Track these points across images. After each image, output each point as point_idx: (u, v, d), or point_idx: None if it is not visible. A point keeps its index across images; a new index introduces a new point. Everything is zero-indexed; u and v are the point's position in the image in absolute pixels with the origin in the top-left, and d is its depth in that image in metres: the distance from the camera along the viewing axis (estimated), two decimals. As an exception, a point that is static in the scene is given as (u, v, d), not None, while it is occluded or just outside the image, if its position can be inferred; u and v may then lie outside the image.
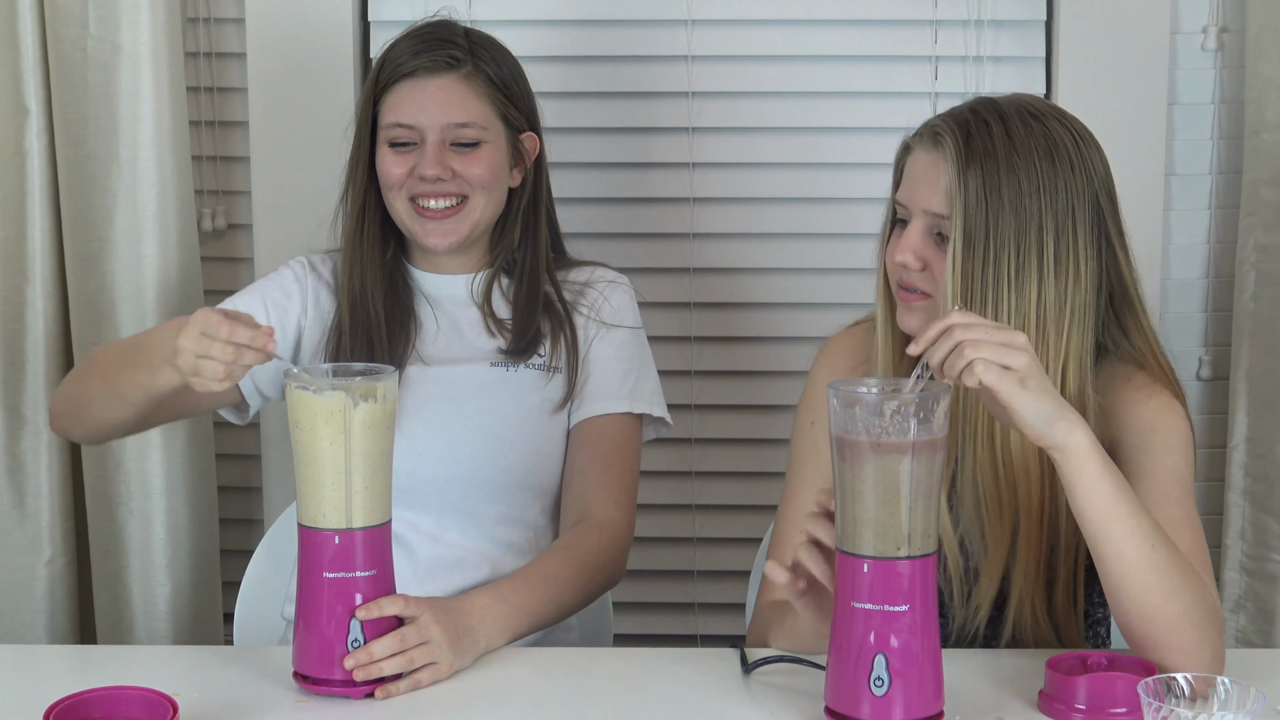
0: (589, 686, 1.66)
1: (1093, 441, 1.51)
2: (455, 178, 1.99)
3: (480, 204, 2.01)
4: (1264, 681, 1.50)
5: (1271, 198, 2.44)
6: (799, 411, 1.90)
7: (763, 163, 2.60)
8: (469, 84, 2.00)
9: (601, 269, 2.13)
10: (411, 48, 2.02)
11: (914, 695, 1.46)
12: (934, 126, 1.72)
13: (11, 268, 2.46)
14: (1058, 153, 1.68)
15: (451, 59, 2.00)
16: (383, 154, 2.02)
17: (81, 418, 1.97)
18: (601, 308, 2.07)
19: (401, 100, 2.00)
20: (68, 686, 1.50)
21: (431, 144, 1.98)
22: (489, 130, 2.01)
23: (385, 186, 2.02)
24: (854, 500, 1.46)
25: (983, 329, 1.46)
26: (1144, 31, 2.51)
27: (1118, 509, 1.52)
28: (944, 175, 1.68)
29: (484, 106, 2.01)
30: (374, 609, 1.60)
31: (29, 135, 2.44)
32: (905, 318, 1.74)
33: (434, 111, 1.98)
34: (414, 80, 2.00)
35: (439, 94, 1.99)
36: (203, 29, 2.58)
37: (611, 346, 2.06)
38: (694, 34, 2.57)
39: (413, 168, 1.99)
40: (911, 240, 1.71)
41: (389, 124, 2.00)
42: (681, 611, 2.71)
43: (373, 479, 1.60)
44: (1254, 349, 2.48)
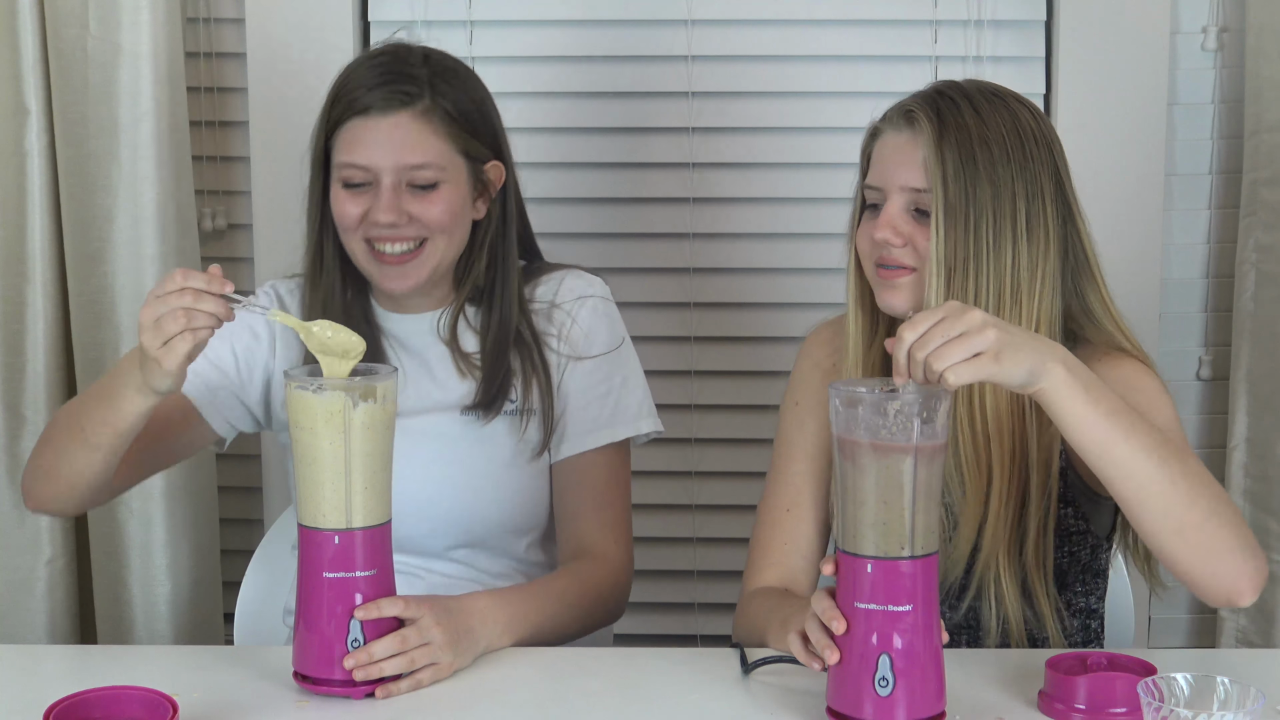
0: (589, 686, 1.65)
1: (1072, 375, 1.49)
2: (412, 221, 1.86)
3: (440, 246, 1.89)
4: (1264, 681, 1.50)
5: (1271, 198, 2.44)
6: (785, 397, 1.95)
7: (763, 163, 2.60)
8: (426, 121, 1.86)
9: (571, 277, 2.00)
10: (366, 80, 1.87)
11: (917, 695, 1.46)
12: (904, 107, 1.77)
13: (11, 268, 2.46)
14: (1020, 126, 1.74)
15: (406, 95, 1.86)
16: (337, 194, 1.89)
17: (53, 478, 1.85)
18: (570, 333, 1.96)
19: (355, 139, 1.86)
20: (68, 686, 1.50)
21: (386, 187, 1.85)
22: (447, 170, 1.88)
23: (341, 228, 1.90)
24: (857, 501, 1.46)
25: (937, 332, 1.45)
26: (1144, 31, 2.51)
27: (1113, 434, 1.50)
28: (921, 149, 1.72)
29: (442, 144, 1.87)
30: (373, 610, 1.60)
31: (29, 135, 2.44)
32: (889, 296, 1.76)
33: (388, 153, 1.85)
34: (367, 118, 1.85)
35: (394, 133, 1.85)
36: (203, 29, 2.58)
37: (584, 377, 1.96)
38: (694, 34, 2.57)
39: (367, 210, 1.86)
40: (891, 216, 1.74)
41: (342, 163, 1.87)
42: (681, 611, 2.71)
43: (373, 479, 1.60)
44: (1254, 349, 2.48)
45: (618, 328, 2.01)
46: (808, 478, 1.87)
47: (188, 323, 1.59)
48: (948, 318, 1.45)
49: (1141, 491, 1.53)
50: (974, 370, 1.44)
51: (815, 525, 1.87)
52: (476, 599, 1.74)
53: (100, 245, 2.44)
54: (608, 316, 2.00)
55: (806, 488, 1.87)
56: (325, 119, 1.90)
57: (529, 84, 2.60)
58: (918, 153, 1.73)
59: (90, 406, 1.77)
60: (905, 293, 1.74)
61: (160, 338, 1.59)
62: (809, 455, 1.88)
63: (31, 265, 2.45)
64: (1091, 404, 1.49)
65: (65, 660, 1.94)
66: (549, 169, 2.61)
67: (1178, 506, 1.53)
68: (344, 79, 1.90)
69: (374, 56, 1.91)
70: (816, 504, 1.87)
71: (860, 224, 1.80)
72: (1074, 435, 1.51)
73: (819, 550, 1.88)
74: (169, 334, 1.59)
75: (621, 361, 2.00)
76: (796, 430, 1.90)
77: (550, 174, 2.61)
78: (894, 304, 1.75)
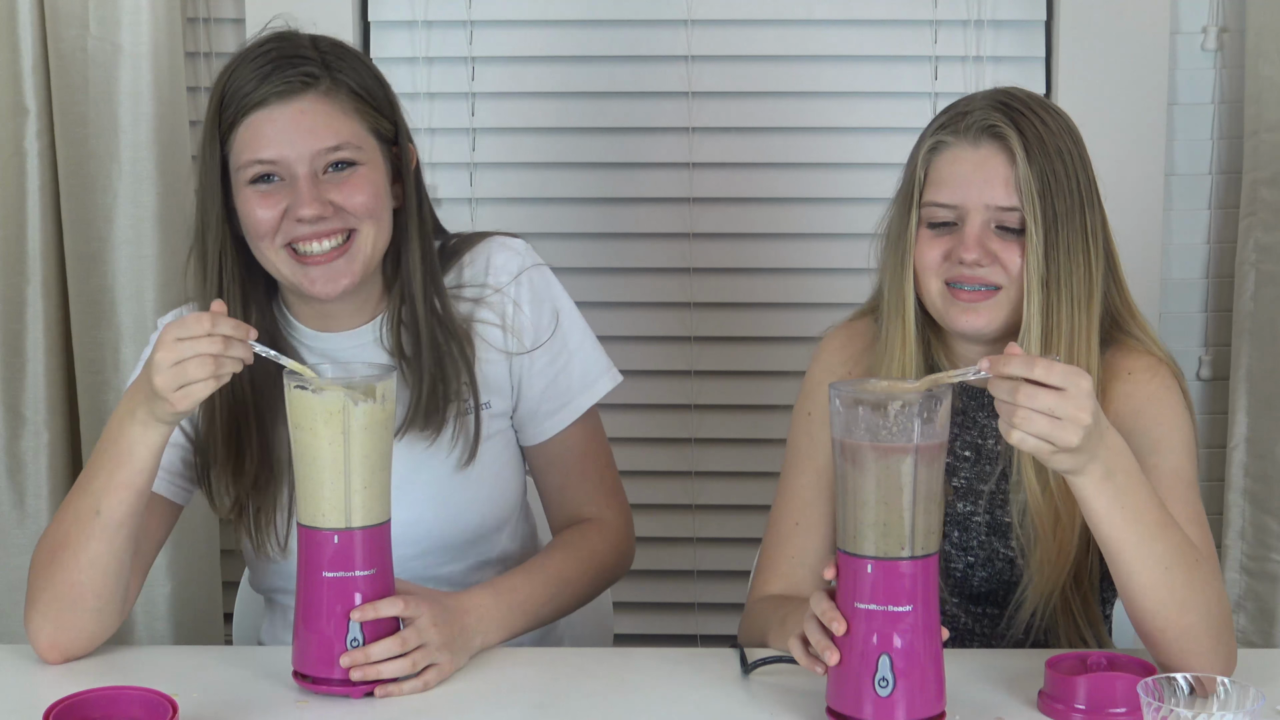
0: (589, 686, 1.65)
1: (1108, 474, 1.49)
2: (337, 212, 1.71)
3: (370, 235, 1.73)
4: (1264, 681, 1.50)
5: (1271, 198, 2.44)
6: (797, 403, 1.91)
7: (763, 163, 2.60)
8: (332, 101, 1.72)
9: (497, 251, 1.86)
10: (256, 72, 1.71)
11: (917, 695, 1.46)
12: (982, 122, 1.72)
13: (11, 268, 2.46)
14: (1074, 135, 1.74)
15: (307, 76, 1.71)
16: (245, 198, 1.71)
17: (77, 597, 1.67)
18: (518, 324, 1.84)
19: (257, 135, 1.70)
20: (68, 686, 1.50)
21: (303, 177, 1.69)
22: (364, 149, 1.73)
23: (255, 236, 1.72)
24: (857, 501, 1.46)
25: (1049, 401, 1.42)
26: (1144, 31, 2.51)
27: (1128, 537, 1.52)
28: (1008, 166, 1.69)
29: (353, 123, 1.73)
30: (370, 611, 1.59)
31: (29, 135, 2.44)
32: (970, 319, 1.72)
33: (299, 140, 1.69)
34: (267, 109, 1.69)
35: (301, 118, 1.70)
36: (203, 29, 2.58)
37: (540, 361, 1.86)
38: (694, 34, 2.57)
39: (284, 210, 1.70)
40: (978, 235, 1.70)
41: (246, 162, 1.70)
42: (681, 611, 2.71)
43: (372, 478, 1.60)
44: (1254, 349, 2.48)
45: (557, 294, 1.89)
46: (816, 491, 1.84)
47: (215, 370, 1.53)
48: (1070, 398, 1.42)
49: (1141, 592, 1.55)
50: (1034, 448, 1.45)
51: (823, 539, 1.84)
52: (473, 596, 1.73)
53: (100, 245, 2.44)
54: (546, 287, 1.88)
55: (815, 501, 1.84)
56: (215, 124, 1.73)
57: (529, 84, 2.60)
58: (1002, 169, 1.69)
59: (94, 491, 1.64)
60: (988, 314, 1.72)
61: (179, 381, 1.53)
62: (818, 468, 1.84)
63: (31, 265, 2.45)
64: (1117, 507, 1.51)
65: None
66: (549, 169, 2.61)
67: (1169, 610, 1.55)
68: (228, 78, 1.73)
69: (257, 48, 1.74)
70: (824, 518, 1.83)
71: (919, 241, 1.75)
72: (1092, 525, 1.54)
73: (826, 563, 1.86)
74: (192, 379, 1.53)
75: (569, 329, 1.89)
76: (807, 441, 1.86)
77: (551, 174, 2.62)
78: (975, 325, 1.72)
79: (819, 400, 1.83)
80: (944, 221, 1.73)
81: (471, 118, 2.61)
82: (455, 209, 2.61)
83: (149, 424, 1.60)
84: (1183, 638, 1.56)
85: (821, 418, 1.83)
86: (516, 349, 1.85)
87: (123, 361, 2.47)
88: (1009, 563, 1.78)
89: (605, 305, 2.63)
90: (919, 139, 1.79)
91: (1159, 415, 1.72)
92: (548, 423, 1.89)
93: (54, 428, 2.49)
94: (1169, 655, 1.57)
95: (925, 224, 1.74)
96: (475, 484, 1.86)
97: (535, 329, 1.86)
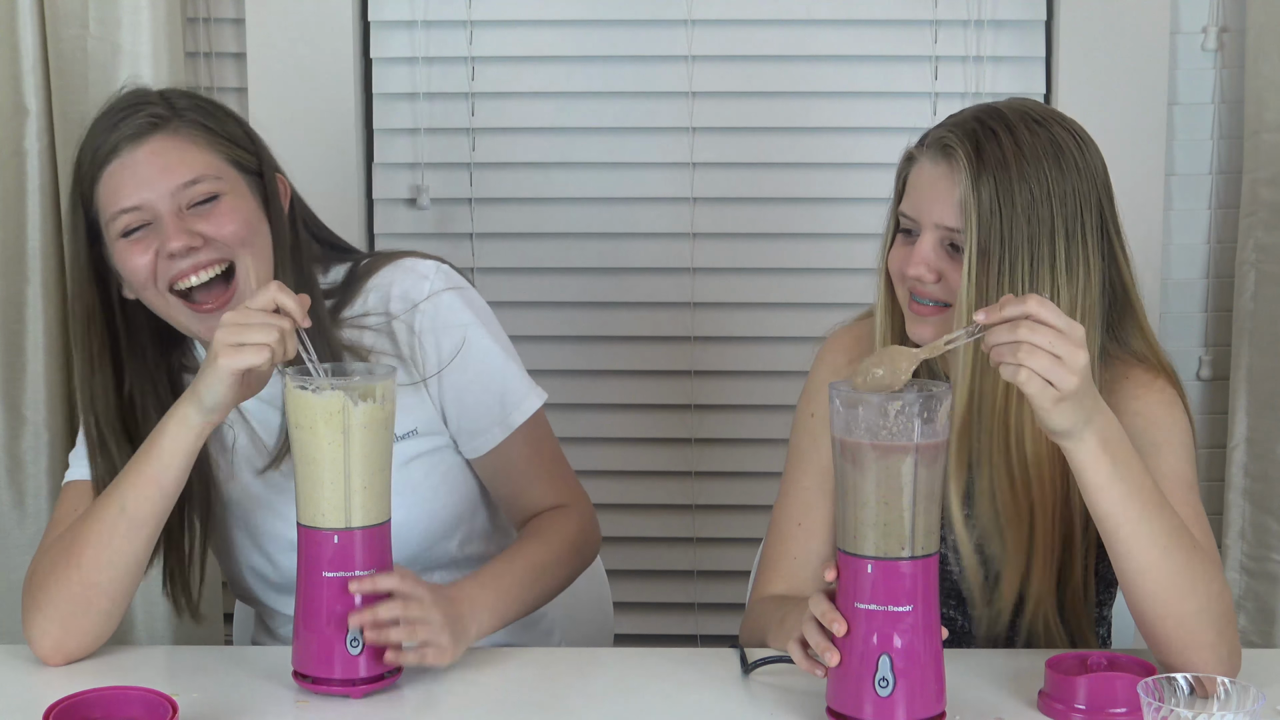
0: (589, 686, 1.65)
1: (1105, 444, 1.49)
2: (207, 243, 1.71)
3: (248, 264, 1.73)
4: (1264, 681, 1.50)
5: (1271, 198, 2.44)
6: (800, 404, 1.90)
7: (763, 163, 2.60)
8: (183, 136, 1.73)
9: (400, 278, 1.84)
10: (106, 125, 1.74)
11: (917, 695, 1.46)
12: (942, 139, 1.69)
13: (11, 268, 2.46)
14: (1064, 157, 1.67)
15: (154, 117, 1.73)
16: (121, 253, 1.73)
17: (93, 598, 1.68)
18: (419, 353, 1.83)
19: (116, 184, 1.72)
20: (68, 686, 1.50)
21: (167, 215, 1.71)
22: (223, 179, 1.74)
23: (138, 287, 1.74)
24: (857, 501, 1.46)
25: (1049, 337, 1.43)
26: (1144, 31, 2.51)
27: (1126, 513, 1.52)
28: (957, 187, 1.66)
29: (207, 155, 1.74)
30: (368, 584, 1.59)
31: (29, 135, 2.44)
32: (918, 329, 1.72)
33: (155, 180, 1.71)
34: (119, 158, 1.71)
35: (153, 159, 1.71)
36: (203, 29, 2.58)
37: (458, 381, 1.84)
38: (694, 34, 2.57)
39: (157, 250, 1.71)
40: (924, 253, 1.69)
41: (112, 215, 1.72)
42: (681, 611, 2.71)
43: (372, 479, 1.60)
44: (1254, 349, 2.48)
45: (466, 319, 1.85)
46: (819, 493, 1.84)
47: (278, 340, 1.55)
48: (1067, 337, 1.43)
49: (1140, 573, 1.54)
50: (1038, 391, 1.44)
51: (825, 540, 1.83)
52: (461, 587, 1.72)
53: (100, 245, 2.44)
54: (452, 312, 1.84)
55: (817, 502, 1.84)
56: (77, 184, 1.76)
57: (529, 84, 2.60)
58: (953, 190, 1.66)
59: (121, 485, 1.66)
60: (935, 329, 1.70)
61: (238, 337, 1.55)
62: (821, 469, 1.83)
63: (31, 265, 2.45)
64: (1115, 479, 1.50)
65: (65, 660, 1.93)
66: (549, 169, 2.61)
67: (1169, 594, 1.54)
68: (84, 142, 1.76)
69: (108, 106, 1.78)
70: (827, 519, 1.83)
71: (893, 245, 1.75)
72: (1088, 500, 1.53)
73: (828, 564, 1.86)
74: (248, 339, 1.55)
75: (491, 340, 1.86)
76: (810, 443, 1.86)
77: (550, 174, 2.62)
78: (923, 336, 1.71)
79: (822, 401, 1.83)
80: (907, 229, 1.73)
81: (471, 118, 2.61)
82: (455, 209, 2.62)
83: (188, 419, 1.62)
84: (1183, 627, 1.55)
85: (824, 419, 1.81)
86: (417, 377, 1.83)
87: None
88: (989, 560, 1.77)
89: (605, 305, 2.63)
90: None
91: (1157, 418, 1.71)
92: (479, 440, 1.88)
93: (54, 428, 2.49)
94: (1170, 647, 1.56)
95: (899, 230, 1.75)
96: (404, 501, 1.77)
97: (437, 355, 1.84)
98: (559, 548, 1.86)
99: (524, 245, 2.63)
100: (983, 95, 2.55)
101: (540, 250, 2.63)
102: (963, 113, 1.73)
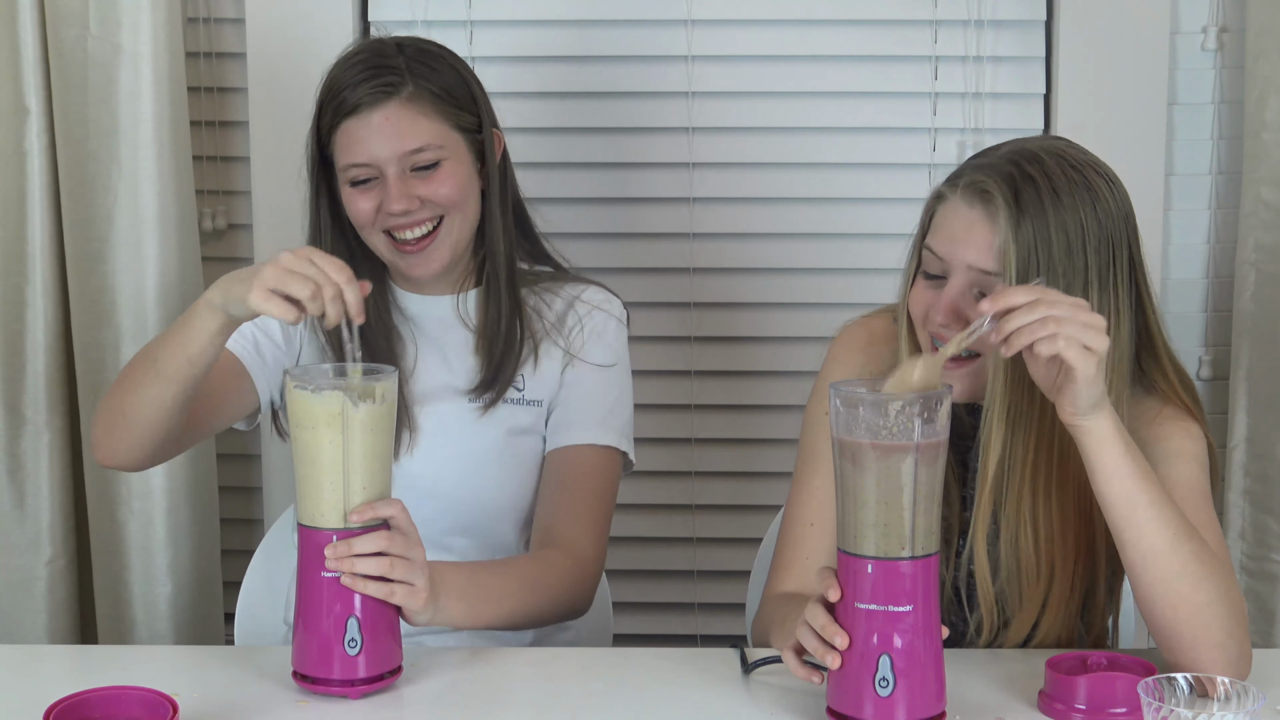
0: (589, 686, 1.66)
1: (1118, 428, 1.52)
2: (425, 204, 1.92)
3: (457, 222, 1.95)
4: (1264, 681, 1.50)
5: (1271, 198, 2.44)
6: (810, 402, 1.89)
7: (763, 163, 2.60)
8: (414, 105, 1.91)
9: (594, 289, 2.06)
10: (349, 80, 1.92)
11: (917, 695, 1.46)
12: (979, 183, 1.66)
13: (11, 268, 2.46)
14: (1099, 203, 1.65)
15: (389, 85, 1.91)
16: (348, 196, 1.94)
17: (126, 421, 1.82)
18: (578, 334, 2.02)
19: (350, 140, 1.91)
20: (68, 686, 1.50)
21: (392, 177, 1.90)
22: (446, 147, 1.93)
23: (358, 225, 1.96)
24: (857, 501, 1.46)
25: (1068, 306, 1.46)
26: (1144, 31, 2.51)
27: (1140, 496, 1.52)
28: (993, 233, 1.63)
29: (435, 124, 1.92)
30: (368, 511, 1.59)
31: (29, 135, 2.44)
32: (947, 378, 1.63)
33: (385, 144, 1.90)
34: (357, 117, 1.91)
35: (385, 125, 1.90)
36: (203, 29, 2.58)
37: (586, 376, 2.01)
38: (694, 34, 2.57)
39: (380, 203, 1.92)
40: (953, 298, 1.66)
41: (345, 165, 1.93)
42: (681, 611, 2.71)
43: (372, 479, 1.60)
44: (1254, 349, 2.48)
45: (620, 351, 2.05)
46: (830, 492, 1.82)
47: (309, 296, 1.59)
48: (1080, 305, 1.46)
49: (1152, 555, 1.54)
50: (1079, 356, 1.45)
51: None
52: (437, 564, 1.70)
53: (100, 245, 2.44)
54: (619, 337, 2.05)
55: (829, 501, 1.80)
56: (317, 126, 1.96)
57: (529, 84, 2.60)
58: (990, 235, 1.64)
59: (163, 339, 1.77)
60: (964, 385, 1.68)
61: (278, 282, 1.59)
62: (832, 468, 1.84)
63: (31, 265, 2.45)
64: (1128, 460, 1.52)
65: (65, 660, 1.94)
66: (549, 169, 2.61)
67: (1181, 583, 1.54)
68: (328, 84, 1.95)
69: (352, 56, 1.95)
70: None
71: (915, 283, 1.72)
72: (1102, 484, 1.53)
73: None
74: (288, 289, 1.59)
75: (618, 381, 2.04)
76: (823, 442, 1.83)
77: (550, 174, 2.61)
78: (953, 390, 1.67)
79: None
80: (932, 272, 1.70)
81: (471, 118, 2.61)
82: (455, 209, 2.61)
83: (214, 307, 1.68)
84: (1194, 621, 1.54)
85: None
86: (573, 350, 2.00)
87: (123, 362, 2.47)
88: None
89: (605, 305, 2.63)
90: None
91: (1172, 433, 1.71)
92: (578, 432, 1.98)
93: (54, 428, 2.49)
94: (1179, 644, 1.55)
95: (922, 270, 1.72)
96: (501, 461, 1.98)
97: (591, 345, 2.01)
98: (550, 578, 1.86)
99: (524, 245, 2.63)
100: (983, 95, 2.55)
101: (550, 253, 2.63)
102: (996, 151, 1.71)
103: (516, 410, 1.99)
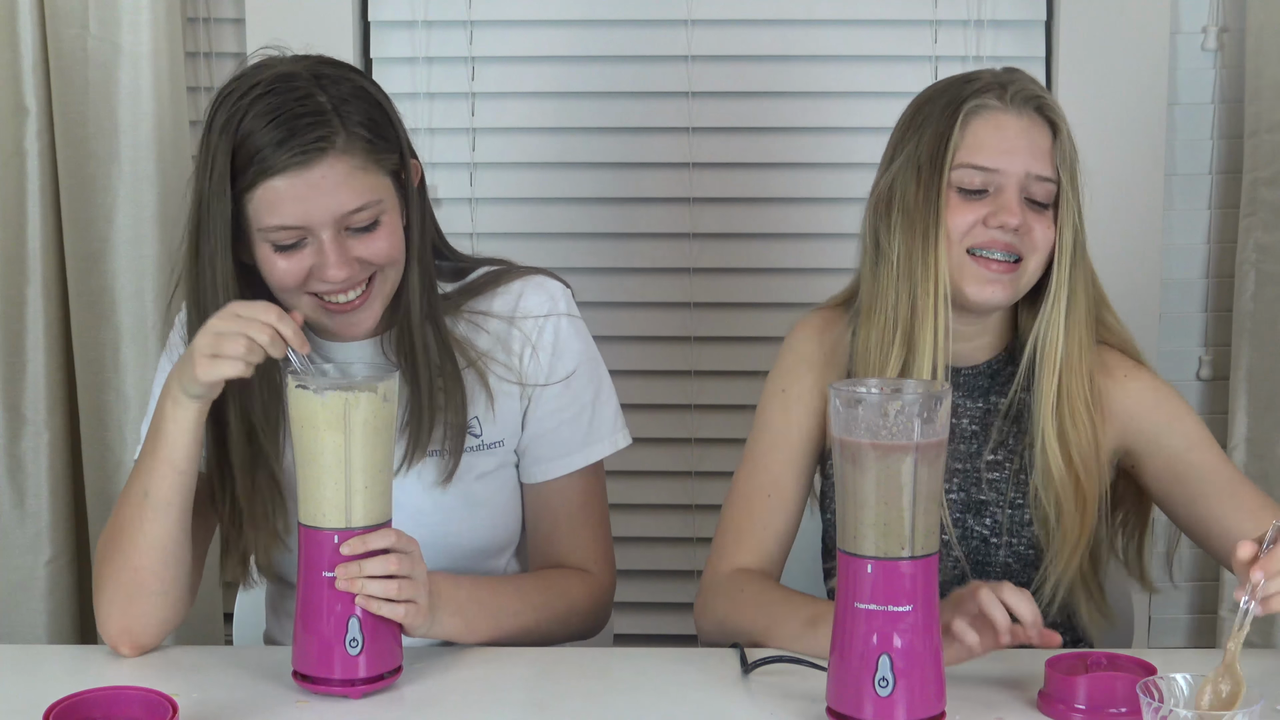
0: (589, 686, 1.65)
1: None
2: (362, 265, 1.71)
3: (390, 276, 1.75)
4: (1264, 681, 1.50)
5: (1271, 198, 2.44)
6: (770, 379, 1.92)
7: (763, 163, 2.60)
8: (349, 159, 1.67)
9: (531, 291, 1.86)
10: (270, 136, 1.65)
11: (917, 695, 1.46)
12: (1024, 91, 1.77)
13: (11, 268, 2.46)
14: None
15: (321, 141, 1.66)
16: (267, 258, 1.70)
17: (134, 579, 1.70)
18: (532, 362, 1.84)
19: (276, 201, 1.67)
20: (68, 686, 1.50)
21: (328, 240, 1.68)
22: (384, 200, 1.71)
23: (279, 289, 1.72)
24: (857, 501, 1.46)
25: None
26: (1144, 31, 2.51)
27: None
28: (1047, 138, 1.75)
29: (371, 177, 1.70)
30: (359, 545, 1.58)
31: (29, 135, 2.44)
32: (991, 290, 1.74)
33: (321, 206, 1.67)
34: (285, 178, 1.66)
35: (322, 184, 1.66)
36: (203, 29, 2.58)
37: (554, 400, 1.86)
38: (694, 34, 2.57)
39: (310, 268, 1.70)
40: (1014, 201, 1.74)
41: (269, 226, 1.68)
42: (681, 611, 2.71)
43: (373, 479, 1.60)
44: (1254, 349, 2.48)
45: (586, 344, 1.89)
46: (789, 466, 1.86)
47: (245, 354, 1.59)
48: None
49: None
50: None
51: (792, 515, 1.86)
52: (434, 575, 1.68)
53: (100, 245, 2.44)
54: (575, 335, 1.87)
55: (787, 476, 1.86)
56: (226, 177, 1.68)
57: (529, 84, 2.60)
58: (1045, 140, 1.75)
59: (140, 473, 1.69)
60: (1010, 288, 1.76)
61: (213, 349, 1.59)
62: (792, 444, 1.86)
63: (31, 265, 2.45)
64: None
65: (65, 660, 1.93)
66: (549, 169, 2.62)
67: None
68: (244, 135, 1.67)
69: (264, 99, 1.68)
70: (797, 494, 1.86)
71: (950, 205, 1.75)
72: None
73: (792, 539, 1.88)
74: (224, 352, 1.59)
75: (591, 378, 1.89)
76: (781, 417, 1.88)
77: (550, 174, 2.62)
78: (997, 298, 1.75)
79: (793, 380, 1.88)
80: (974, 189, 1.75)
81: (471, 118, 2.61)
82: (455, 209, 2.62)
83: (179, 400, 1.64)
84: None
85: (796, 395, 1.87)
86: (531, 380, 1.85)
87: (123, 361, 2.47)
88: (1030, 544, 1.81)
89: (605, 305, 2.63)
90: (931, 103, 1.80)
91: (1175, 411, 1.80)
92: (543, 466, 1.89)
93: (54, 428, 2.49)
94: None
95: (954, 188, 1.75)
96: (463, 507, 1.85)
97: (552, 367, 1.85)
98: (558, 595, 1.84)
99: (524, 245, 2.63)
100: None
101: (540, 250, 2.63)
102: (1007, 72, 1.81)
103: (477, 457, 1.84)
